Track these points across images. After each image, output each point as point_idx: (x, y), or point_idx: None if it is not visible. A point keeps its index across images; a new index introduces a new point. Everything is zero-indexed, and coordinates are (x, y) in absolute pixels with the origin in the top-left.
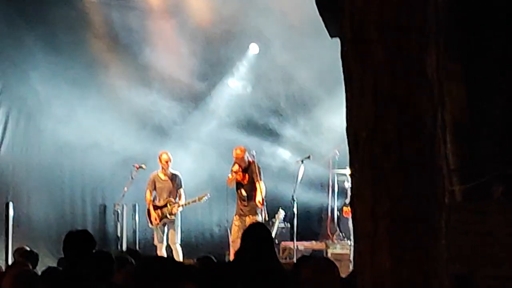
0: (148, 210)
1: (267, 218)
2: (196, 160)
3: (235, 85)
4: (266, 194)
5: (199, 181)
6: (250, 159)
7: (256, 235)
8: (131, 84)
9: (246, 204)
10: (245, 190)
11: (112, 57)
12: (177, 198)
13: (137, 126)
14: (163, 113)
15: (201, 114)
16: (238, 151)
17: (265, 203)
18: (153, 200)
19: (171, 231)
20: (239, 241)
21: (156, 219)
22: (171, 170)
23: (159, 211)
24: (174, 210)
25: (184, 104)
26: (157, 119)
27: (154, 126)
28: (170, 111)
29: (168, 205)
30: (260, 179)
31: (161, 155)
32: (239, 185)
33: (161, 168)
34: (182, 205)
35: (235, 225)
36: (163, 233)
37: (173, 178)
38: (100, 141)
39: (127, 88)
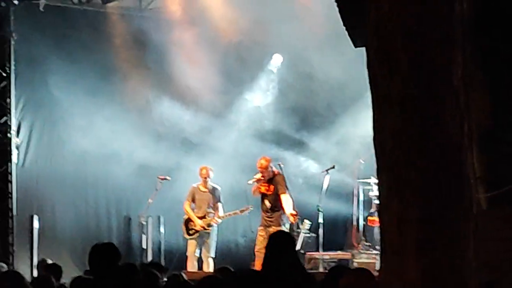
0: (185, 221)
1: (294, 229)
2: (218, 171)
3: (258, 95)
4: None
5: (222, 192)
6: (275, 170)
7: (280, 242)
8: (153, 94)
9: (270, 215)
10: (269, 201)
11: (133, 67)
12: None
13: (160, 137)
14: (185, 123)
15: (223, 125)
16: (263, 161)
17: (284, 216)
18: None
19: (206, 243)
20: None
21: (192, 230)
22: (211, 183)
23: (196, 222)
24: (213, 222)
25: (206, 114)
26: (179, 130)
27: (177, 136)
28: (192, 121)
29: (206, 216)
30: (286, 191)
31: (201, 169)
32: (263, 196)
33: (201, 181)
34: (221, 217)
35: (260, 235)
36: (197, 245)
37: (213, 191)
38: (122, 152)
39: (150, 99)
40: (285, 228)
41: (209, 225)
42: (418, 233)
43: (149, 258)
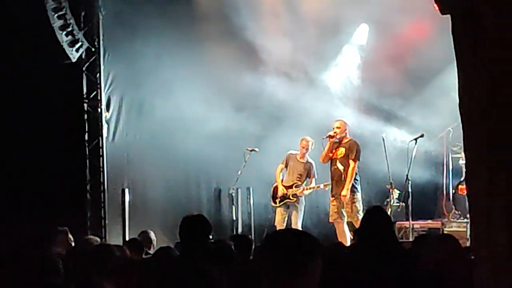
0: (274, 189)
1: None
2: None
3: (345, 66)
4: (376, 173)
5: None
6: (348, 136)
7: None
8: (241, 66)
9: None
10: (342, 164)
11: (220, 38)
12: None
13: (249, 109)
14: (274, 95)
15: (311, 96)
16: (338, 123)
17: (358, 183)
18: (282, 180)
19: (294, 213)
20: (339, 221)
21: (279, 198)
22: (307, 156)
23: (284, 190)
24: (298, 192)
25: (294, 85)
26: (267, 102)
27: (265, 108)
28: (281, 93)
29: (294, 186)
30: (356, 160)
31: (302, 140)
32: (333, 161)
33: (300, 151)
34: (307, 189)
35: (333, 205)
36: (285, 213)
37: (307, 163)
38: (211, 125)
39: (238, 71)
40: (359, 195)
41: (294, 195)
42: (507, 201)
43: (239, 230)
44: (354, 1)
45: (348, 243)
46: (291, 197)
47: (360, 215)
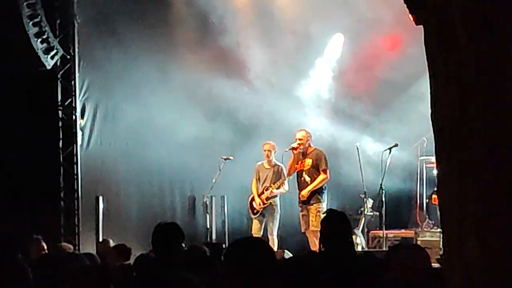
0: (250, 200)
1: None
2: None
3: (319, 75)
4: (350, 183)
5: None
6: (313, 146)
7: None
8: (216, 76)
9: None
10: (309, 175)
11: (196, 48)
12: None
13: (223, 117)
14: (248, 104)
15: (286, 105)
16: (303, 132)
17: (324, 193)
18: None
19: (270, 221)
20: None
21: (255, 208)
22: (274, 160)
23: (258, 199)
24: (268, 194)
25: (269, 94)
26: (242, 110)
27: (240, 117)
28: (255, 102)
29: (264, 191)
30: (327, 169)
31: (263, 145)
32: (299, 173)
33: (265, 158)
34: (275, 187)
35: (302, 215)
36: (261, 223)
37: (275, 166)
38: (186, 133)
39: (214, 80)
40: (324, 204)
41: (267, 199)
42: (478, 212)
43: (214, 238)
44: (329, 11)
45: None
46: (265, 201)
47: None
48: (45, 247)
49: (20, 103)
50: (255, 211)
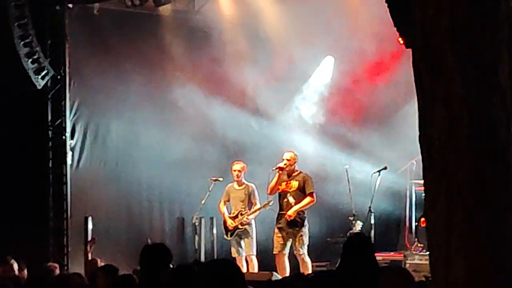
0: (224, 222)
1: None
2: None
3: (309, 96)
4: (339, 205)
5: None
6: (297, 169)
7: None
8: (207, 97)
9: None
10: (294, 198)
11: (188, 69)
12: (250, 209)
13: (212, 139)
14: (237, 126)
15: (274, 126)
16: (292, 154)
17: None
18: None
19: (246, 241)
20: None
21: (230, 231)
22: (244, 181)
23: (232, 223)
24: (244, 220)
25: (258, 116)
26: (231, 132)
27: (229, 138)
28: (245, 123)
29: (239, 215)
30: (313, 193)
31: (232, 165)
32: (283, 194)
33: (235, 179)
34: (251, 213)
35: (278, 237)
36: (238, 245)
37: (246, 187)
38: (175, 154)
39: (204, 102)
40: (307, 228)
41: (242, 224)
42: (465, 234)
43: (202, 259)
44: (320, 34)
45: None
46: (239, 226)
47: (304, 249)
48: (16, 268)
49: (10, 123)
50: (229, 232)
